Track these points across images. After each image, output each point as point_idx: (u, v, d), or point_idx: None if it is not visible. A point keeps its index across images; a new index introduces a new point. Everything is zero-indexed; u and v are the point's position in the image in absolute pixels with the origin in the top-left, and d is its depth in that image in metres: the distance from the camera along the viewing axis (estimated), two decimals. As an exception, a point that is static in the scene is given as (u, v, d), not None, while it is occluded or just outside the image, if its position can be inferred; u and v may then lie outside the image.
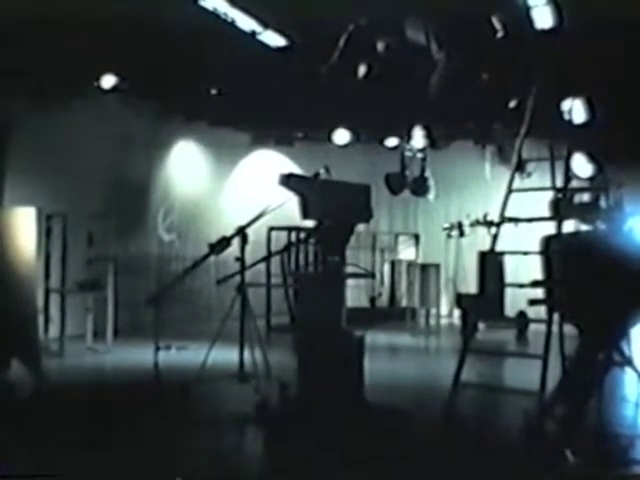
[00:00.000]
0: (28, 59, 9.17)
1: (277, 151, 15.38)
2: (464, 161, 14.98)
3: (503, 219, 7.33)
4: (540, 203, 7.57)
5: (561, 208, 7.15)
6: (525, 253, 7.53)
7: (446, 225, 13.74)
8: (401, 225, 16.02)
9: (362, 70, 9.81)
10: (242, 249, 7.17)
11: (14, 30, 8.32)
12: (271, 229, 12.42)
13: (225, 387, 7.23)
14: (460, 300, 13.34)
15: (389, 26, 8.87)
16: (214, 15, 8.60)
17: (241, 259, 7.21)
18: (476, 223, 12.81)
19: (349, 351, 6.03)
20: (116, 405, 6.89)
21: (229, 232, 7.14)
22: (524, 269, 8.08)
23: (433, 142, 13.39)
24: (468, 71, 9.88)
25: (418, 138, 13.15)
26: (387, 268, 15.45)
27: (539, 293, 6.29)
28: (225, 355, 7.34)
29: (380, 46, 9.18)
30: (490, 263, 11.78)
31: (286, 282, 9.85)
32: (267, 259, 10.17)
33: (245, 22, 8.99)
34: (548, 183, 7.28)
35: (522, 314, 12.57)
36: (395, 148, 14.20)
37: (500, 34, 8.56)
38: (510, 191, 7.34)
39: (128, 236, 12.37)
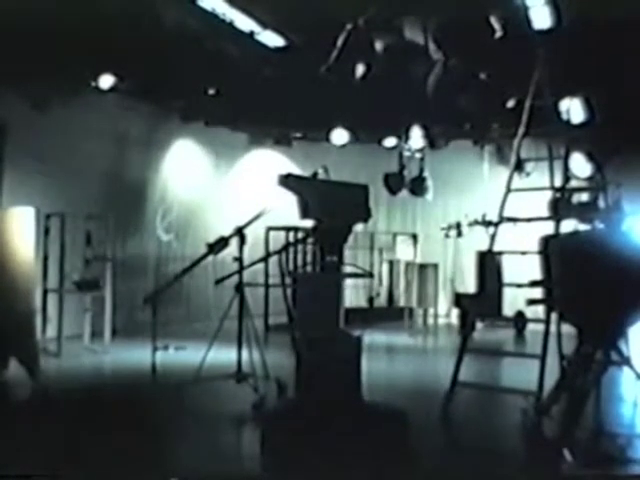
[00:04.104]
0: (27, 59, 9.16)
1: (275, 151, 15.38)
2: (462, 161, 14.98)
3: (501, 219, 7.33)
4: (539, 203, 7.57)
5: (560, 208, 7.15)
6: (523, 253, 7.54)
7: (444, 225, 13.74)
8: (399, 225, 16.02)
9: (360, 70, 9.82)
10: (240, 249, 7.17)
11: (13, 30, 8.31)
12: (269, 229, 12.42)
13: (223, 387, 7.23)
14: (458, 300, 13.36)
15: (387, 26, 8.88)
16: (212, 15, 8.60)
17: (239, 259, 7.21)
18: (474, 223, 12.81)
19: (347, 351, 6.03)
20: (113, 405, 6.88)
21: (227, 232, 7.14)
22: (522, 269, 8.08)
23: (431, 142, 13.39)
24: (466, 71, 9.90)
25: (416, 138, 13.15)
26: (385, 268, 15.44)
27: (537, 293, 6.29)
28: (223, 355, 7.33)
29: (378, 46, 9.19)
30: (488, 263, 11.79)
31: (284, 282, 9.84)
32: (265, 259, 10.16)
33: (244, 22, 8.99)
34: (547, 183, 7.28)
35: (520, 314, 12.60)
36: (393, 148, 14.19)
37: (498, 34, 8.57)
38: (509, 191, 7.34)
39: (126, 236, 12.36)
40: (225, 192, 14.70)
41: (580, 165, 8.18)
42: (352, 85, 10.02)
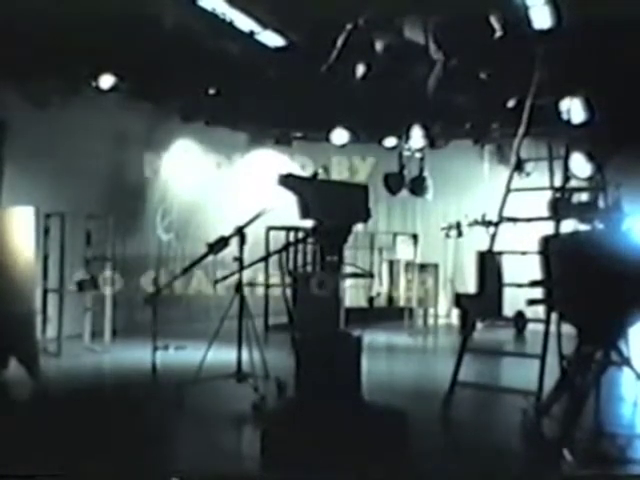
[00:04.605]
0: (27, 59, 9.16)
1: (275, 151, 15.37)
2: (462, 161, 14.96)
3: (501, 219, 7.33)
4: (539, 203, 7.57)
5: (560, 208, 7.15)
6: (523, 253, 7.53)
7: (444, 225, 13.73)
8: (399, 225, 16.00)
9: (360, 70, 9.82)
10: (240, 249, 7.17)
11: (14, 30, 8.31)
12: (269, 229, 12.41)
13: (223, 387, 7.23)
14: (458, 300, 13.35)
15: (388, 26, 8.88)
16: (212, 15, 8.59)
17: (239, 259, 7.21)
18: (474, 223, 12.79)
19: (347, 351, 6.03)
20: (114, 405, 6.88)
21: (227, 232, 7.14)
22: (523, 269, 8.09)
23: (431, 142, 13.39)
24: (466, 71, 9.90)
25: (416, 138, 13.14)
26: (385, 268, 15.43)
27: (537, 293, 6.29)
28: (223, 355, 7.33)
29: (378, 46, 9.18)
30: (488, 263, 11.78)
31: (284, 282, 9.84)
32: (265, 259, 10.16)
33: (244, 22, 8.99)
34: (547, 183, 7.28)
35: (520, 314, 12.59)
36: (394, 148, 14.18)
37: (498, 34, 8.57)
38: (509, 191, 7.34)
39: (126, 236, 12.36)
40: (225, 192, 14.68)
41: (580, 165, 8.19)
42: (352, 85, 10.02)
